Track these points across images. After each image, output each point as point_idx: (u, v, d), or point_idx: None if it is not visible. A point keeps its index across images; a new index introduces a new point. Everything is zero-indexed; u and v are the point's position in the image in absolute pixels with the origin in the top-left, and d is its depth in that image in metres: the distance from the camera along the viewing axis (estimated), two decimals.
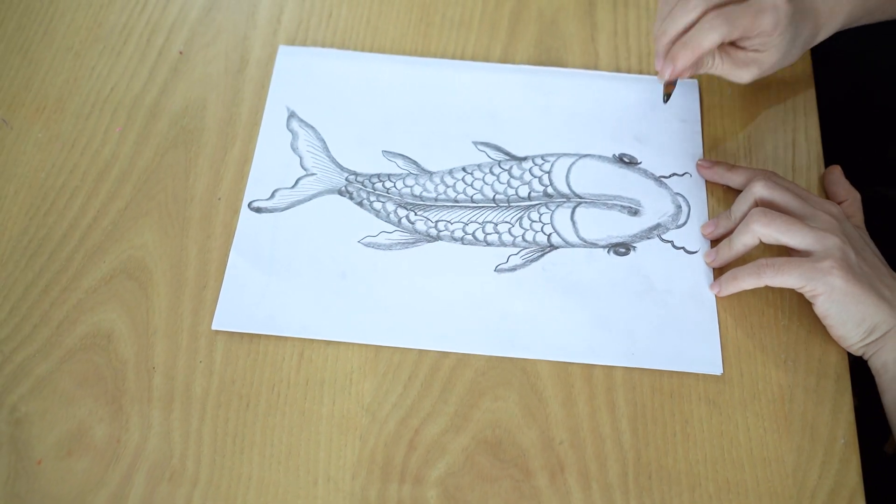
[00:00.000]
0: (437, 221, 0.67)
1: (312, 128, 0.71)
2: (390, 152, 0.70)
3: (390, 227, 0.67)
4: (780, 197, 0.62)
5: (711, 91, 0.74)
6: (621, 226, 0.67)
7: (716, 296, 0.64)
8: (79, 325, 0.63)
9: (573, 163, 0.70)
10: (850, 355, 0.62)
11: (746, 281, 0.61)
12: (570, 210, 0.68)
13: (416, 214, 0.68)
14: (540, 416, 0.60)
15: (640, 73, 0.75)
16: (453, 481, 0.58)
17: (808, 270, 0.59)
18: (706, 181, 0.69)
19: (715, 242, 0.66)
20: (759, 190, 0.63)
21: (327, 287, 0.64)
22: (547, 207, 0.68)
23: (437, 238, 0.67)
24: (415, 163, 0.70)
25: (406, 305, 0.63)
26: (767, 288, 0.64)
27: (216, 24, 0.77)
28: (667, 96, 0.70)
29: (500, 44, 0.76)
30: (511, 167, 0.70)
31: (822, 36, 0.69)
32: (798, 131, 0.72)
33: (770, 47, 0.65)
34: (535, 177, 0.69)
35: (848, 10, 0.68)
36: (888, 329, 0.59)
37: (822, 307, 0.60)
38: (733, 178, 0.68)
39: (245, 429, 0.60)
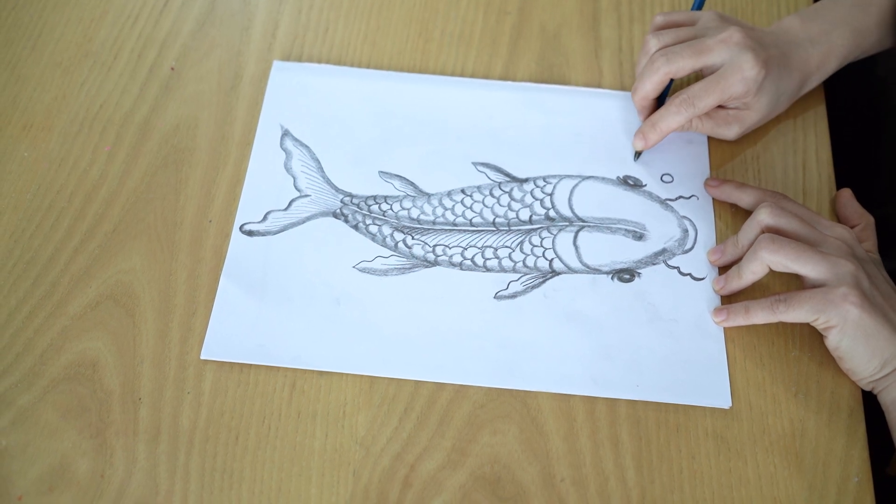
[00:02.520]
0: (434, 246, 0.65)
1: (307, 147, 0.69)
2: (387, 173, 0.68)
3: (386, 252, 0.65)
4: (787, 223, 0.60)
5: None
6: (626, 251, 0.65)
7: (719, 325, 0.62)
8: (63, 354, 0.60)
9: (576, 185, 0.68)
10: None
11: (759, 315, 0.59)
12: (572, 234, 0.66)
13: (413, 238, 0.65)
14: (540, 451, 0.58)
15: None
16: None
17: (819, 302, 0.56)
18: (713, 204, 0.67)
19: (723, 269, 0.64)
20: (765, 217, 0.60)
21: (321, 314, 0.62)
22: (549, 231, 0.66)
23: (435, 263, 0.64)
24: (412, 184, 0.68)
25: (402, 334, 0.61)
26: None
27: (209, 38, 0.74)
28: (637, 154, 0.69)
29: (501, 60, 0.74)
30: (512, 189, 0.68)
31: (814, 83, 0.69)
32: (808, 153, 0.70)
33: (749, 107, 0.66)
34: (536, 199, 0.67)
35: (842, 55, 0.68)
36: None
37: (833, 340, 0.57)
38: (742, 198, 0.66)
39: (234, 464, 0.57)
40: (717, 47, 0.64)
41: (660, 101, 0.68)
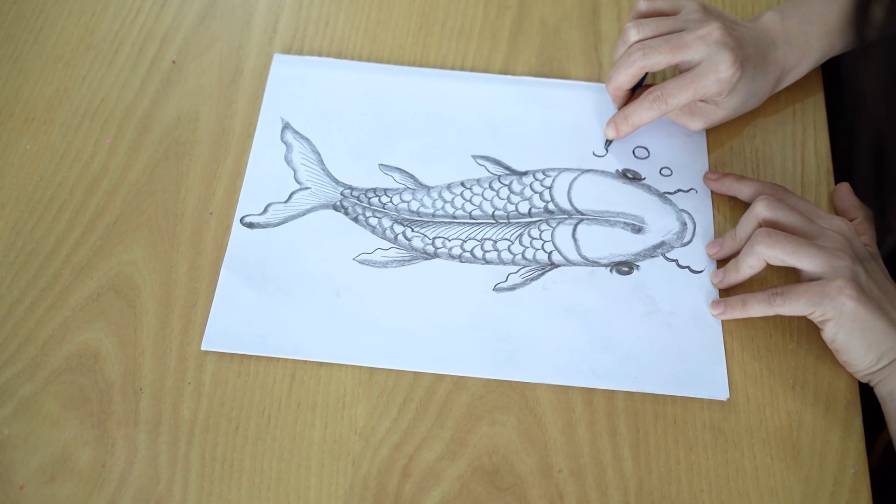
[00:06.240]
0: (434, 238, 0.65)
1: (307, 140, 0.70)
2: (387, 166, 0.68)
3: (386, 244, 0.65)
4: (785, 216, 0.60)
5: None
6: (624, 244, 0.65)
7: (717, 318, 0.62)
8: (65, 345, 0.61)
9: (575, 178, 0.68)
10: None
11: (756, 308, 0.59)
12: (571, 227, 0.66)
13: (412, 231, 0.66)
14: (539, 442, 0.58)
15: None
16: None
17: (815, 295, 0.57)
18: (712, 198, 0.67)
19: (721, 262, 0.64)
20: (762, 210, 0.61)
21: (321, 306, 0.62)
22: (548, 224, 0.66)
23: (435, 255, 0.65)
24: (412, 177, 0.68)
25: (401, 326, 0.62)
26: None
27: (210, 32, 0.75)
28: (608, 143, 0.69)
29: (501, 54, 0.74)
30: (511, 182, 0.68)
31: (791, 80, 0.69)
32: (807, 147, 0.70)
33: (719, 105, 0.66)
34: (535, 192, 0.67)
35: (816, 58, 0.68)
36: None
37: (830, 333, 0.58)
38: (742, 190, 0.66)
39: (234, 454, 0.58)
40: (695, 44, 0.64)
41: (633, 88, 0.68)
